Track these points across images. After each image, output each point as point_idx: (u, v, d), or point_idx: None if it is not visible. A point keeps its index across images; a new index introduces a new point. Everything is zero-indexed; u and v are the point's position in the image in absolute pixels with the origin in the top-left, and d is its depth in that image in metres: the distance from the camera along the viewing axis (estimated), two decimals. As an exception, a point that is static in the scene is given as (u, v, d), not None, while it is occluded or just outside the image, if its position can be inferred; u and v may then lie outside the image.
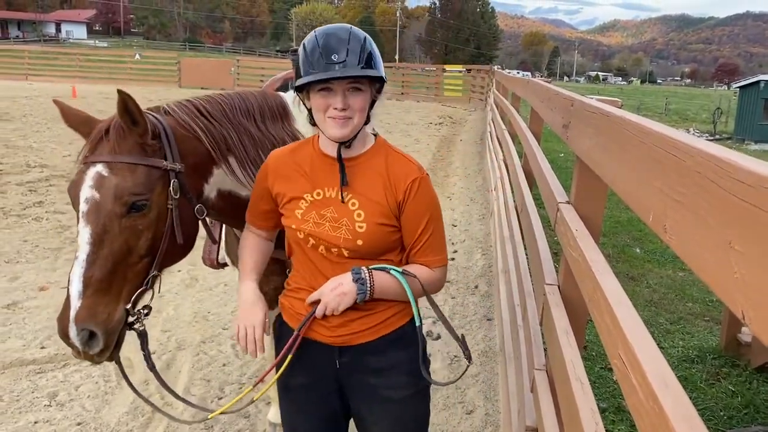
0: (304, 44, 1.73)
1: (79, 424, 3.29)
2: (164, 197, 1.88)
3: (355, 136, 1.78)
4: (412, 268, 1.85)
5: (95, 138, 1.88)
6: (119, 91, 1.77)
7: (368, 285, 1.76)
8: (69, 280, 1.78)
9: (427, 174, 1.86)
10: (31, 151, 11.20)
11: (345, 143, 1.77)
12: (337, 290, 1.76)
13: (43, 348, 4.07)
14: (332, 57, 1.65)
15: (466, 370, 1.87)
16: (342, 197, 1.79)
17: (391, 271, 1.80)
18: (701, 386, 3.82)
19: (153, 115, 1.97)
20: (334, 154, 1.81)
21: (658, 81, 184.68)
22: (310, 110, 1.78)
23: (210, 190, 2.09)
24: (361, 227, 1.78)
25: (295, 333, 1.85)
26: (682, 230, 1.04)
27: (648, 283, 5.78)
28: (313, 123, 1.79)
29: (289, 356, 1.85)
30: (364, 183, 1.81)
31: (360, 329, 1.85)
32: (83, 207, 1.81)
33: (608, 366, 3.97)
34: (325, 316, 1.81)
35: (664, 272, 6.10)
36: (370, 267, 1.79)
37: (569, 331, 1.88)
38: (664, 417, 0.91)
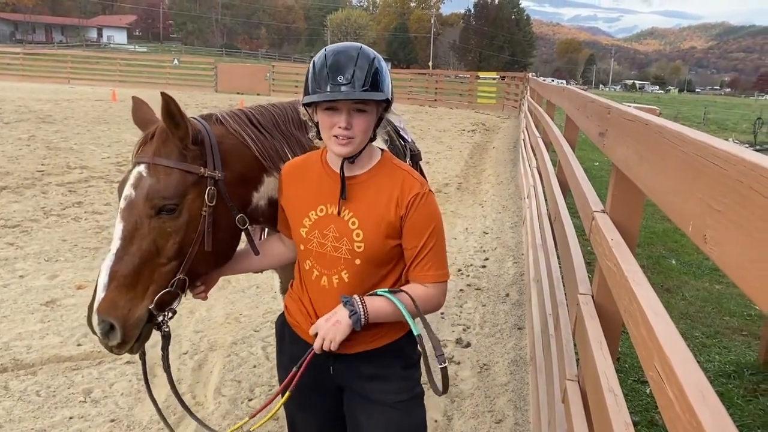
0: (314, 62, 1.76)
1: (112, 420, 3.35)
2: (198, 203, 1.90)
3: (360, 153, 1.80)
4: (402, 287, 1.86)
5: (145, 139, 1.92)
6: (163, 94, 1.80)
7: (358, 306, 1.76)
8: (100, 271, 1.83)
9: (431, 190, 1.88)
10: (71, 152, 11.47)
11: (349, 159, 1.80)
12: (331, 320, 1.78)
13: (79, 345, 4.16)
14: (338, 78, 1.67)
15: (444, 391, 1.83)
16: (339, 211, 1.82)
17: (378, 292, 1.82)
18: (738, 402, 3.72)
19: (199, 122, 2.00)
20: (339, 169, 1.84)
21: (697, 90, 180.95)
22: (317, 125, 1.80)
23: (259, 199, 2.12)
24: (359, 246, 1.81)
25: (294, 370, 1.89)
26: (723, 241, 1.01)
27: (684, 295, 5.66)
28: (320, 137, 1.82)
29: (287, 393, 1.89)
30: (366, 200, 1.83)
31: (355, 338, 1.85)
32: (122, 204, 1.87)
33: (641, 379, 3.90)
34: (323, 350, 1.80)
35: (700, 285, 5.97)
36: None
37: (603, 342, 1.85)
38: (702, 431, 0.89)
